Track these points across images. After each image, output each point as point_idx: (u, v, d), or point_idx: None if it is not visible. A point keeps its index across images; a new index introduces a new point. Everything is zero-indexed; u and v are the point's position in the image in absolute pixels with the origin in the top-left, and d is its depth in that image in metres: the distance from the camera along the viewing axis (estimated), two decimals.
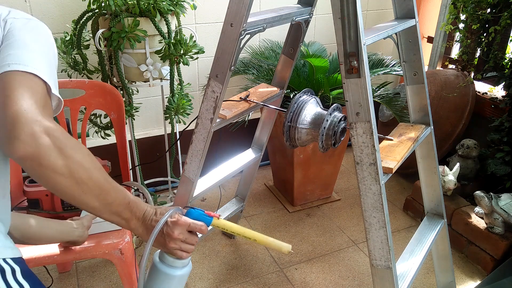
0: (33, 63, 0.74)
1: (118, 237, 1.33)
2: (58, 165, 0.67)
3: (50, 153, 0.66)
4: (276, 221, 2.25)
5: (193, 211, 0.92)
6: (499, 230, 1.84)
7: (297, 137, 1.34)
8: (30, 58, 0.75)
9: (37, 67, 0.74)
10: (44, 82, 0.74)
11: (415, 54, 1.30)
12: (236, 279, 1.87)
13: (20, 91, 0.69)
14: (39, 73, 0.73)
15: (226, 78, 1.19)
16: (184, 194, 1.41)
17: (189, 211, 0.91)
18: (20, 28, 0.80)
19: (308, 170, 2.25)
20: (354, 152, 1.06)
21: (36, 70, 0.73)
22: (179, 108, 1.84)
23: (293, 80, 2.06)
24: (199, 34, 2.22)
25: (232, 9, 1.11)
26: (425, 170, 1.48)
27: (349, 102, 1.03)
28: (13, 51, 0.75)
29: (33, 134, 0.65)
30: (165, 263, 0.89)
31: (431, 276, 1.89)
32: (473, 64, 2.29)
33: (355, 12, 0.94)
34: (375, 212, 1.09)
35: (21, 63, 0.73)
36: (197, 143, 1.31)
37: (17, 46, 0.76)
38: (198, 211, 0.92)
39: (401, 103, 2.11)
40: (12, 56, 0.74)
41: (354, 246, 2.08)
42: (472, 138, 2.17)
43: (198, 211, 0.92)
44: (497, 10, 2.03)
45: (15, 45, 0.76)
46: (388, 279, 1.15)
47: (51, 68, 0.79)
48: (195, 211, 0.92)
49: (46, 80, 0.74)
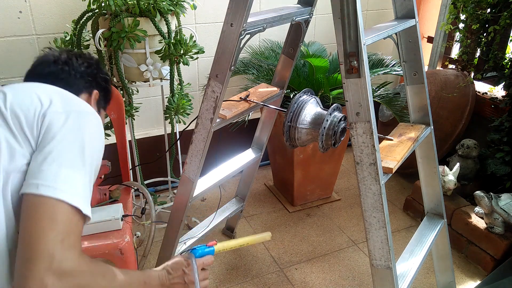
0: (65, 184, 0.70)
1: (118, 237, 1.33)
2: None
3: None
4: (276, 221, 2.25)
5: (197, 250, 0.97)
6: (499, 230, 1.84)
7: (297, 137, 1.34)
8: (64, 176, 0.70)
9: (69, 189, 0.70)
10: (73, 207, 0.70)
11: (415, 54, 1.30)
12: (236, 279, 1.87)
13: (42, 225, 0.66)
14: (69, 198, 0.69)
15: (226, 78, 1.19)
16: (184, 194, 1.41)
17: (193, 252, 0.96)
18: (59, 129, 0.75)
19: (308, 170, 2.25)
20: (354, 152, 1.06)
21: (66, 196, 0.69)
22: (179, 108, 1.83)
23: (293, 80, 2.06)
24: (199, 34, 2.22)
25: (232, 9, 1.11)
26: (425, 170, 1.48)
27: (349, 102, 1.03)
28: (46, 167, 0.70)
29: (42, 282, 0.63)
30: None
31: (431, 276, 1.89)
32: (473, 64, 2.29)
33: (355, 12, 0.94)
34: (375, 212, 1.09)
35: (51, 185, 0.68)
36: (197, 143, 1.31)
37: (52, 158, 0.71)
38: (200, 248, 0.97)
39: (401, 103, 2.11)
40: (44, 174, 0.70)
41: (354, 246, 2.08)
42: (472, 138, 2.17)
43: (201, 249, 0.97)
44: (496, 10, 2.04)
45: (49, 157, 0.71)
46: (388, 279, 1.15)
47: (90, 176, 0.75)
48: (199, 250, 0.97)
49: (77, 205, 0.70)
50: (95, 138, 0.80)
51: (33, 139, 0.75)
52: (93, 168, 0.77)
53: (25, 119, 0.75)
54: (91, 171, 0.76)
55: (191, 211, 2.30)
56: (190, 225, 2.18)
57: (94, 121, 0.82)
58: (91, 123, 0.81)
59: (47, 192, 0.68)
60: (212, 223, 1.73)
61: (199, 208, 2.35)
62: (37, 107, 0.77)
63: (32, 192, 0.68)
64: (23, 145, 0.74)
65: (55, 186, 0.69)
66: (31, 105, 0.77)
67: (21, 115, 0.76)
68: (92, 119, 0.82)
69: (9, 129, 0.74)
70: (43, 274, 0.63)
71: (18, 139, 0.74)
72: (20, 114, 0.76)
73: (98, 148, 0.80)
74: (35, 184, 0.69)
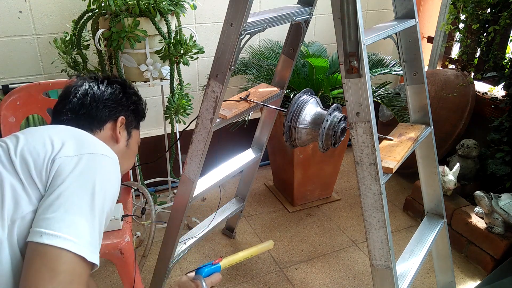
0: (69, 232, 0.67)
1: (118, 237, 1.33)
2: None
3: None
4: (276, 221, 2.25)
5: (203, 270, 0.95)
6: (499, 230, 1.84)
7: (297, 137, 1.34)
8: (69, 223, 0.68)
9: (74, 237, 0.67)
10: (78, 256, 0.67)
11: (415, 54, 1.30)
12: (236, 279, 1.86)
13: (42, 276, 0.63)
14: (73, 247, 0.66)
15: (226, 78, 1.19)
16: (184, 194, 1.41)
17: (200, 272, 0.95)
18: (69, 173, 0.72)
19: (308, 170, 2.25)
20: (354, 152, 1.06)
21: (70, 244, 0.66)
22: (179, 108, 1.83)
23: (293, 80, 2.06)
24: (199, 34, 2.22)
25: (232, 9, 1.11)
26: (425, 170, 1.48)
27: (349, 102, 1.03)
28: (51, 214, 0.68)
29: None
30: None
31: (431, 276, 1.89)
32: (473, 64, 2.29)
33: (355, 12, 0.94)
34: (375, 212, 1.09)
35: (55, 234, 0.66)
36: (197, 143, 1.31)
37: (58, 205, 0.69)
38: (207, 267, 0.96)
39: (401, 103, 2.11)
40: (48, 221, 0.67)
41: (354, 246, 2.08)
42: (472, 138, 2.17)
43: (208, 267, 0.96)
44: (496, 10, 2.03)
45: (55, 204, 0.69)
46: (388, 279, 1.15)
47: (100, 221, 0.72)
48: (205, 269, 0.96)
49: (81, 253, 0.67)
50: (107, 181, 0.77)
51: (41, 185, 0.73)
52: (104, 212, 0.75)
53: (33, 164, 0.74)
54: (102, 215, 0.74)
55: (191, 211, 2.30)
56: (190, 225, 2.18)
57: (108, 163, 0.79)
58: (105, 165, 0.78)
59: (50, 241, 0.65)
60: (212, 223, 1.73)
61: (199, 208, 2.35)
62: (48, 151, 0.75)
63: (35, 241, 0.66)
64: (30, 192, 0.72)
65: (58, 235, 0.66)
66: (42, 150, 0.76)
67: (30, 160, 0.74)
68: (106, 160, 0.79)
69: (16, 175, 0.73)
70: None
71: (25, 186, 0.72)
72: (29, 159, 0.74)
73: (112, 192, 0.78)
74: (39, 232, 0.67)
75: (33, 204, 0.71)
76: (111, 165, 0.80)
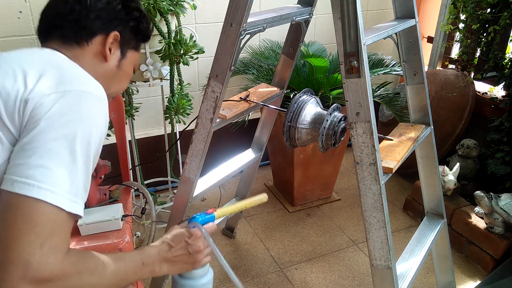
0: (46, 181, 0.60)
1: (118, 237, 1.33)
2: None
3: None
4: (276, 221, 2.25)
5: (197, 217, 0.91)
6: (499, 230, 1.84)
7: (297, 137, 1.34)
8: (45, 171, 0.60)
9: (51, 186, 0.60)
10: (56, 207, 0.61)
11: (415, 54, 1.30)
12: None
13: (17, 228, 0.58)
14: (50, 197, 0.60)
15: (226, 78, 1.19)
16: (184, 194, 1.41)
17: (193, 220, 0.90)
18: (43, 114, 0.63)
19: (308, 170, 2.25)
20: (354, 152, 1.06)
21: (47, 194, 0.60)
22: (179, 108, 1.83)
23: (293, 80, 2.06)
24: (199, 34, 2.22)
25: (232, 9, 1.11)
26: (425, 170, 1.48)
27: (349, 102, 1.03)
28: (23, 160, 0.60)
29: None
30: (194, 278, 0.88)
31: (431, 276, 1.89)
32: (473, 64, 2.29)
33: (355, 12, 0.94)
34: (375, 212, 1.09)
35: (29, 182, 0.59)
36: (197, 143, 1.31)
37: (31, 151, 0.61)
38: (201, 216, 0.92)
39: (401, 103, 2.11)
40: (20, 168, 0.60)
41: (354, 246, 2.08)
42: (472, 138, 2.17)
43: (202, 216, 0.92)
44: (496, 10, 2.03)
45: (28, 149, 0.61)
46: (388, 279, 1.15)
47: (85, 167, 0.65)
48: (199, 217, 0.91)
49: (60, 204, 0.61)
50: (93, 124, 0.67)
51: (15, 130, 0.64)
52: (90, 156, 0.67)
53: (4, 106, 0.63)
54: (87, 160, 0.66)
55: (191, 211, 2.30)
56: None
57: (94, 102, 0.68)
58: (90, 106, 0.67)
59: (23, 190, 0.59)
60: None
61: (199, 208, 2.35)
62: (20, 90, 0.65)
63: (7, 189, 0.60)
64: (3, 138, 0.63)
65: (31, 183, 0.59)
66: (13, 88, 0.65)
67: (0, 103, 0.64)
68: (91, 99, 0.68)
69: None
70: (16, 282, 0.57)
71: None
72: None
73: (98, 135, 0.68)
74: (10, 180, 0.60)
75: (7, 151, 0.64)
76: (98, 105, 0.69)
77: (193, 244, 0.85)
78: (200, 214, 0.92)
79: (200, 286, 0.88)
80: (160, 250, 0.83)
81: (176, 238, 0.85)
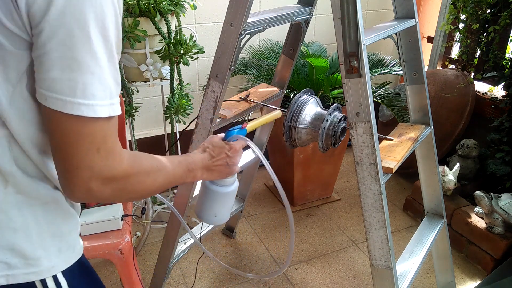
0: (77, 94, 0.56)
1: (118, 237, 1.33)
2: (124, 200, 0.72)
3: (112, 199, 0.67)
4: (276, 221, 2.25)
5: (233, 132, 0.98)
6: (499, 230, 1.84)
7: (297, 137, 1.34)
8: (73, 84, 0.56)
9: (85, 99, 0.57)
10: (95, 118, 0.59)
11: (415, 54, 1.30)
12: (236, 279, 1.86)
13: (70, 141, 0.59)
14: (89, 112, 0.58)
15: (226, 78, 1.19)
16: (184, 194, 1.41)
17: (229, 134, 0.98)
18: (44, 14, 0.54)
19: (308, 170, 2.25)
20: (354, 152, 1.06)
21: (85, 109, 0.57)
22: (179, 108, 1.83)
23: (293, 80, 2.06)
24: (199, 34, 2.22)
25: (232, 9, 1.11)
26: (425, 170, 1.48)
27: (349, 102, 1.03)
28: (46, 75, 0.56)
29: (89, 191, 0.62)
30: (226, 185, 0.98)
31: (431, 276, 1.89)
32: (473, 64, 2.29)
33: (355, 12, 0.94)
34: (375, 212, 1.09)
35: (59, 99, 0.56)
36: (197, 143, 1.31)
37: (50, 62, 0.56)
38: (236, 130, 0.99)
39: (401, 103, 2.11)
40: (47, 82, 0.56)
41: (354, 246, 2.08)
42: (472, 138, 2.17)
43: (238, 130, 0.99)
44: (496, 10, 2.04)
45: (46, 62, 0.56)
46: (388, 279, 1.15)
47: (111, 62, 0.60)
48: (235, 132, 0.98)
49: (101, 115, 0.59)
50: (102, 8, 0.56)
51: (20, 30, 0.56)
52: (112, 47, 0.60)
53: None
54: (109, 54, 0.59)
55: (191, 211, 2.30)
56: (190, 225, 2.18)
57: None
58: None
59: (59, 107, 0.57)
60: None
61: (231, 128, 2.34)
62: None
63: (43, 104, 0.58)
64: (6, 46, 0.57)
65: (64, 99, 0.56)
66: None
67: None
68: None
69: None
70: (86, 181, 0.61)
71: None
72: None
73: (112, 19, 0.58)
74: (43, 94, 0.57)
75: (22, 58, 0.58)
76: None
77: (232, 156, 0.93)
78: (235, 128, 0.99)
79: (230, 192, 0.99)
80: (203, 158, 0.89)
81: (218, 150, 0.92)
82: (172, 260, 1.56)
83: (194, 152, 0.90)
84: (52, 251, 0.70)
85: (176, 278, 1.85)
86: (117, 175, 0.64)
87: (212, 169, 0.90)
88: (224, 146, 0.92)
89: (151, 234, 2.12)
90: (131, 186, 0.67)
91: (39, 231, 0.69)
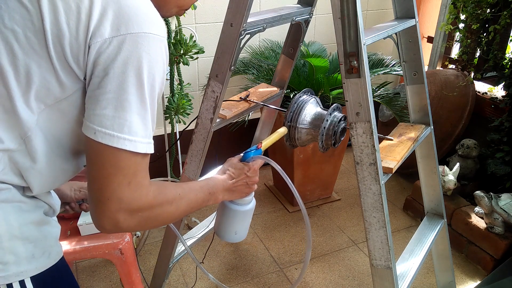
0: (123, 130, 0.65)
1: (118, 237, 1.33)
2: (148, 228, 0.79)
3: (137, 228, 0.74)
4: (276, 221, 2.25)
5: (250, 154, 1.04)
6: (499, 230, 1.84)
7: (297, 137, 1.34)
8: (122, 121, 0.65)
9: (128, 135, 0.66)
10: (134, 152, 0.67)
11: (415, 54, 1.30)
12: (236, 279, 1.86)
13: (106, 172, 0.66)
14: (129, 146, 0.66)
15: (226, 78, 1.19)
16: None
17: (247, 155, 1.03)
18: (110, 63, 0.64)
19: (308, 170, 2.25)
20: (354, 152, 1.06)
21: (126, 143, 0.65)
22: (179, 108, 1.83)
23: (293, 80, 2.06)
24: (199, 34, 2.22)
25: (232, 9, 1.11)
26: (425, 170, 1.48)
27: (349, 102, 1.03)
28: (101, 111, 0.65)
29: (117, 223, 0.69)
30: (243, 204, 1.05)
31: (431, 276, 1.89)
32: (473, 64, 2.29)
33: (355, 12, 0.94)
34: (375, 212, 1.09)
35: (108, 133, 0.64)
36: (197, 143, 1.31)
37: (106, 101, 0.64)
38: (253, 151, 1.04)
39: (401, 103, 2.11)
40: (99, 118, 0.65)
41: (354, 246, 2.08)
42: (472, 138, 2.17)
43: (254, 151, 1.04)
44: (496, 9, 2.04)
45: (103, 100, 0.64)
46: (388, 279, 1.15)
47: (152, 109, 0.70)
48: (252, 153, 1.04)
49: (138, 150, 0.67)
50: (155, 64, 0.68)
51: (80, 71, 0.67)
52: (155, 97, 0.71)
53: (69, 45, 0.64)
54: (153, 102, 0.70)
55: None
56: (190, 225, 2.18)
57: (155, 42, 0.67)
58: (151, 47, 0.66)
59: (105, 140, 0.65)
60: (212, 223, 1.73)
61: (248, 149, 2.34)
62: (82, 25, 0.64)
63: (90, 137, 0.66)
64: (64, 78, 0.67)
65: (112, 134, 0.65)
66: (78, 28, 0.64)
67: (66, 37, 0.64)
68: (152, 41, 0.66)
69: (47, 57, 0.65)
70: (114, 213, 0.67)
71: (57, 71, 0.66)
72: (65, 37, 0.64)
73: (160, 74, 0.70)
74: (92, 129, 0.65)
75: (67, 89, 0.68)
76: (158, 44, 0.68)
77: (251, 176, 1.00)
78: (251, 149, 1.04)
79: (249, 210, 1.08)
80: (224, 180, 0.95)
81: (237, 172, 0.98)
82: (172, 260, 1.56)
83: (214, 176, 0.96)
84: (23, 256, 0.72)
85: (176, 278, 1.86)
86: (143, 207, 0.71)
87: (233, 189, 0.97)
88: (243, 167, 0.99)
89: (151, 234, 2.12)
90: (155, 216, 0.74)
91: (10, 237, 0.71)
